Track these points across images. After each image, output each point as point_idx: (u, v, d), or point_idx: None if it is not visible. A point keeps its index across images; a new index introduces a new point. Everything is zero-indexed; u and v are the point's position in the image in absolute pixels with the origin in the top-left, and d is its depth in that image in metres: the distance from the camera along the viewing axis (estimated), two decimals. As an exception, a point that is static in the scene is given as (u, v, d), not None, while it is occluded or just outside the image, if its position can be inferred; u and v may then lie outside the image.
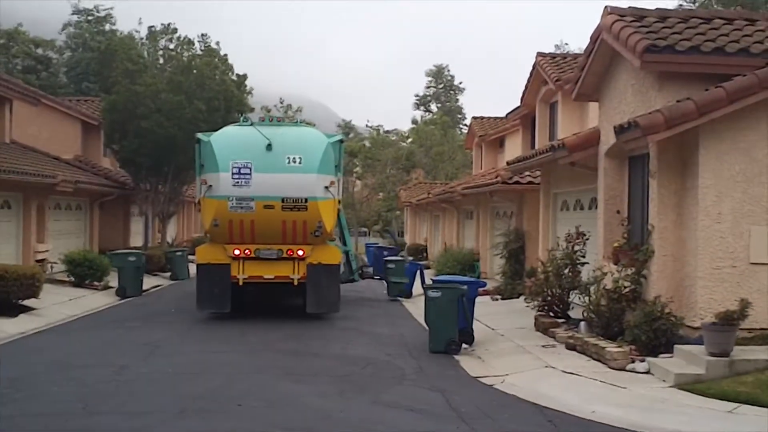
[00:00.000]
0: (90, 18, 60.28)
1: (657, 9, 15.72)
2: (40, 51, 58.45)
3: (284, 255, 20.22)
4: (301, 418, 10.48)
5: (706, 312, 12.94)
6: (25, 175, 23.91)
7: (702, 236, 13.24)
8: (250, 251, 20.18)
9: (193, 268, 33.61)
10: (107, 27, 59.53)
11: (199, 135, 21.16)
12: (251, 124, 20.72)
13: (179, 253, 33.31)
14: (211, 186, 19.89)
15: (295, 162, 19.78)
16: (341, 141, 21.85)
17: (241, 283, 20.24)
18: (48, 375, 13.08)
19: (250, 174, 19.65)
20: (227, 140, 20.25)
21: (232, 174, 19.65)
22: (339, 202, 21.18)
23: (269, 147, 19.82)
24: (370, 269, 28.12)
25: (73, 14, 60.48)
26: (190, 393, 11.83)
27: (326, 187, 20.05)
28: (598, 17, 16.00)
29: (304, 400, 11.52)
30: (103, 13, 60.52)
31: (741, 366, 11.85)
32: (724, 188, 13.28)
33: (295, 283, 20.33)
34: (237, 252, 20.14)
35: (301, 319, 20.36)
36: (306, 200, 19.76)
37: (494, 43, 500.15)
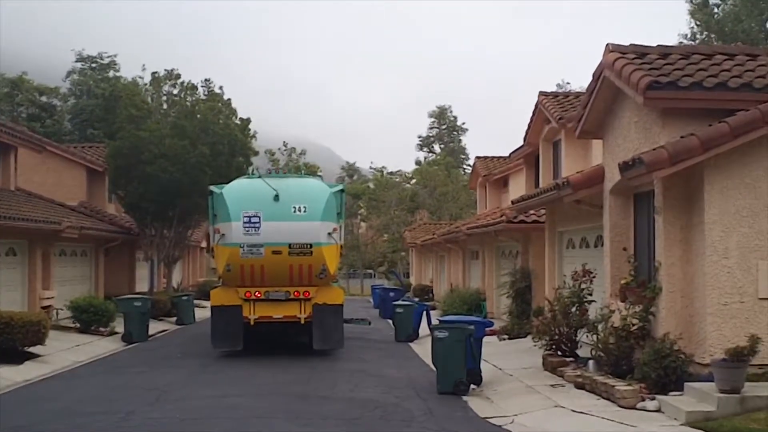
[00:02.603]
0: (94, 65, 60.64)
1: (659, 46, 15.78)
2: (44, 99, 58.83)
3: (292, 296, 21.50)
4: (309, 462, 10.38)
5: (715, 348, 12.83)
6: (30, 221, 23.96)
7: (709, 272, 13.18)
8: (260, 293, 21.48)
9: (198, 313, 34.10)
10: (111, 74, 59.88)
11: (212, 187, 22.57)
12: (260, 177, 22.31)
13: (185, 298, 33.30)
14: (224, 234, 21.27)
15: (300, 211, 21.11)
16: (342, 190, 23.25)
17: (252, 322, 21.49)
18: (53, 423, 12.99)
19: (259, 222, 20.96)
20: (238, 192, 21.70)
21: (243, 223, 20.94)
22: (341, 246, 22.62)
23: (276, 197, 21.14)
24: None
25: (77, 61, 60.83)
26: (197, 438, 11.73)
27: (329, 234, 21.39)
28: (599, 55, 16.06)
29: (312, 443, 11.41)
30: (106, 60, 60.89)
31: (752, 402, 11.70)
32: (731, 223, 13.24)
33: (302, 321, 21.64)
34: (248, 294, 21.45)
35: (309, 361, 20.35)
36: (311, 246, 21.06)
37: (496, 83, 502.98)
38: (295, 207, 21.10)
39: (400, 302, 28.25)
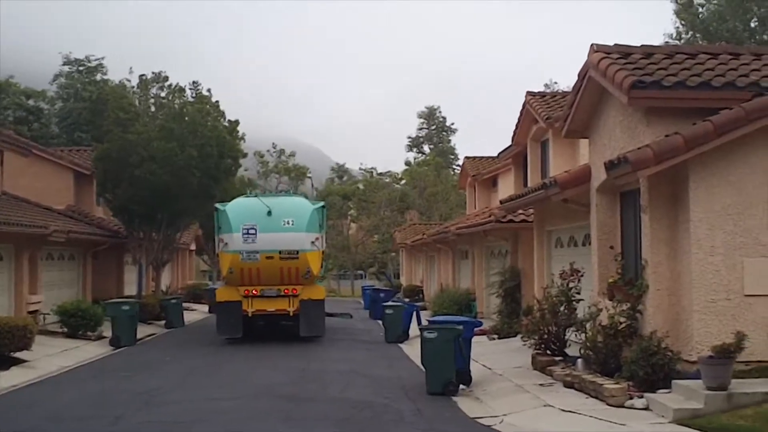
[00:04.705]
0: (81, 68, 60.50)
1: (642, 46, 15.83)
2: (31, 102, 58.60)
3: (282, 293, 25.91)
4: (298, 464, 10.39)
5: (702, 346, 12.89)
6: (17, 226, 23.84)
7: (696, 269, 13.24)
8: (257, 291, 25.90)
9: (188, 316, 34.24)
10: (98, 77, 59.73)
11: (217, 205, 27.26)
12: (256, 196, 27.63)
13: (174, 301, 33.19)
14: (227, 243, 25.92)
15: (288, 224, 25.63)
16: (323, 206, 28.27)
17: (250, 314, 25.85)
18: (41, 429, 12.96)
19: (255, 233, 25.46)
20: (238, 208, 26.35)
21: (243, 234, 25.50)
22: (323, 252, 27.52)
23: (269, 213, 25.72)
24: None
25: (64, 65, 60.68)
26: (185, 442, 11.73)
27: (312, 242, 25.94)
28: (585, 55, 16.09)
29: (301, 446, 11.42)
30: (94, 63, 60.78)
31: (739, 399, 11.78)
32: (716, 221, 13.30)
33: (291, 314, 25.92)
34: (247, 292, 25.87)
35: (300, 362, 20.50)
36: (297, 252, 25.51)
37: (485, 83, 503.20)
38: (284, 221, 25.55)
39: (389, 303, 28.32)
